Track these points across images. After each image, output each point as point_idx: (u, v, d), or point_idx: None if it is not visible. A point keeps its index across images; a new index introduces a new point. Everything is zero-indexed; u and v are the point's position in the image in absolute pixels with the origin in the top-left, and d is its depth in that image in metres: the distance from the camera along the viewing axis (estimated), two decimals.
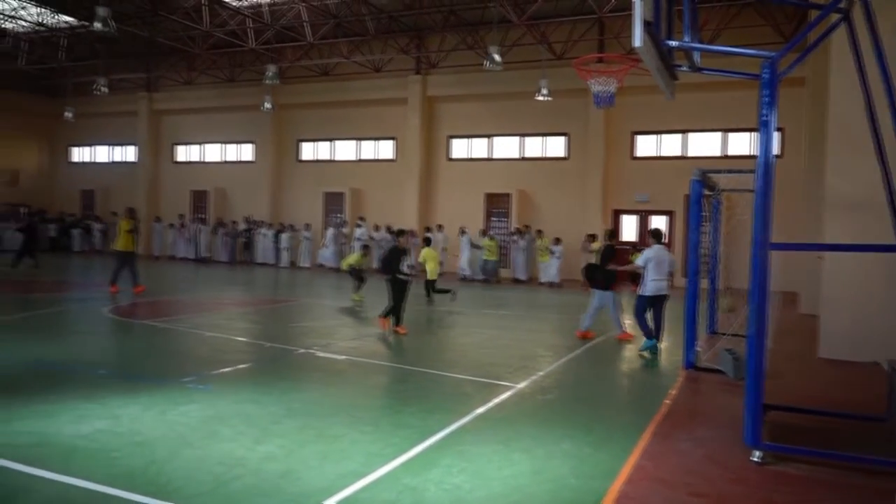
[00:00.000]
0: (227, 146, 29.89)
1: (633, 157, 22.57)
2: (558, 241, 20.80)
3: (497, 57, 19.36)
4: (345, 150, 27.29)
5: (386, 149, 26.47)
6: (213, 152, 30.29)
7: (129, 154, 32.09)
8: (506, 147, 24.43)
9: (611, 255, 10.66)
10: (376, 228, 23.93)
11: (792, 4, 15.00)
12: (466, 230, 22.17)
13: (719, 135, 21.35)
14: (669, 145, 22.12)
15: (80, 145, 33.82)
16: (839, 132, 9.59)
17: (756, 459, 5.21)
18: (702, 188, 8.84)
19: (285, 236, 25.48)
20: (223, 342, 9.79)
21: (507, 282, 21.62)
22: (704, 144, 21.55)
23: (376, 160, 26.57)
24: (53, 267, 22.43)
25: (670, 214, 21.80)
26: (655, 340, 9.88)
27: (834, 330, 9.61)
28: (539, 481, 4.73)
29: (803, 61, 5.70)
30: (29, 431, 5.42)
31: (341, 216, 25.69)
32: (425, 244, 15.99)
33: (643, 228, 21.64)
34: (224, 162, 29.94)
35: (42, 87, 32.47)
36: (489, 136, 24.62)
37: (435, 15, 22.34)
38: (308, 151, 28.10)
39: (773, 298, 9.86)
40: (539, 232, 21.49)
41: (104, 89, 26.74)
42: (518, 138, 24.16)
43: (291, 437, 5.49)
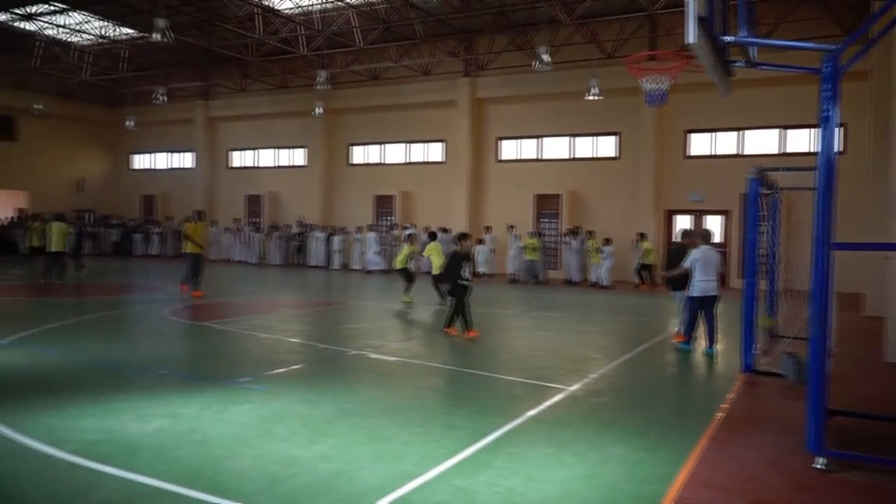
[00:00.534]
0: (280, 151, 30.52)
1: (687, 156, 22.11)
2: (608, 242, 20.52)
3: (546, 57, 19.27)
4: (394, 154, 27.53)
5: (435, 151, 26.59)
6: (267, 157, 30.97)
7: (187, 160, 33.08)
8: (555, 148, 24.24)
9: (682, 256, 10.48)
10: (426, 231, 24.01)
11: None
12: (515, 227, 22.07)
13: (777, 132, 20.72)
14: (724, 143, 21.59)
15: (141, 153, 35.04)
16: None
17: (819, 467, 5.03)
18: (759, 187, 8.60)
19: (337, 239, 25.84)
20: (277, 343, 9.99)
21: (559, 283, 21.44)
22: (761, 142, 20.96)
23: (426, 163, 26.72)
24: (115, 270, 23.27)
25: (725, 214, 21.27)
26: (690, 346, 9.82)
27: None
28: (593, 486, 4.67)
29: (866, 54, 5.49)
30: (96, 428, 5.63)
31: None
32: (431, 239, 15.33)
33: (697, 229, 21.13)
34: (277, 167, 30.58)
35: (105, 98, 33.79)
36: (538, 137, 24.48)
37: (483, 17, 22.34)
38: (358, 155, 28.45)
39: (836, 300, 9.52)
40: (590, 233, 21.24)
41: (163, 98, 27.72)
42: (568, 139, 23.95)
43: (344, 438, 5.56)
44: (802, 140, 20.33)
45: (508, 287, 20.03)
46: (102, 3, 21.87)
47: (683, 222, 22.17)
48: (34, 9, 22.69)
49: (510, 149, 25.14)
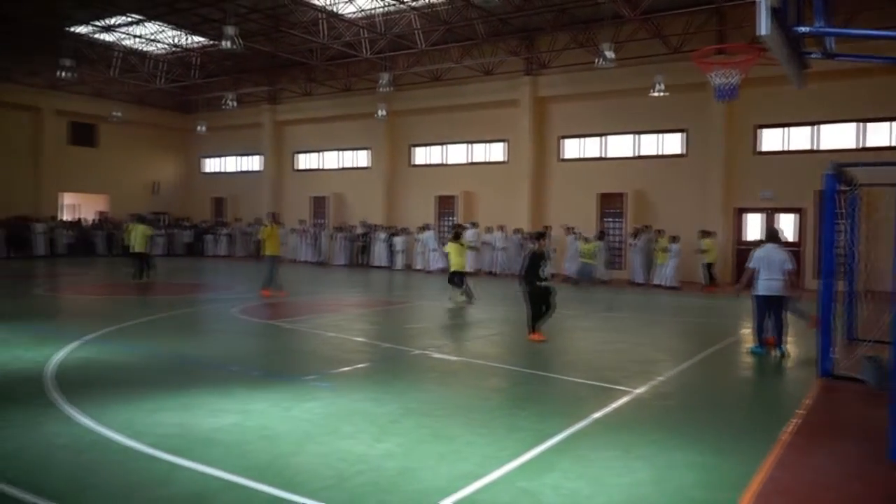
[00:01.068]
0: (344, 153, 31.04)
1: (757, 153, 21.36)
2: (675, 239, 20.00)
3: (610, 54, 18.95)
4: (456, 154, 27.60)
5: (497, 151, 26.52)
6: (331, 159, 31.55)
7: (255, 163, 34.02)
8: (619, 146, 23.82)
9: None
10: (489, 231, 24.04)
11: None
12: (575, 229, 21.68)
13: (855, 125, 19.77)
14: (798, 138, 20.75)
15: (211, 156, 36.24)
16: None
17: None
18: (837, 183, 8.24)
19: (399, 239, 26.08)
20: (342, 342, 10.16)
21: (623, 284, 21.06)
22: (838, 136, 20.02)
23: (487, 163, 26.68)
24: (187, 270, 24.14)
25: (799, 212, 20.45)
26: (763, 349, 9.51)
27: None
28: (661, 491, 4.56)
29: None
30: (172, 422, 5.86)
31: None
32: (455, 238, 15.48)
33: (768, 227, 20.41)
34: (341, 169, 31.11)
35: (177, 104, 35.14)
36: (602, 135, 24.09)
37: (545, 14, 22.14)
38: (421, 156, 28.66)
39: None
40: (660, 232, 20.71)
41: (232, 103, 28.62)
42: (632, 136, 23.49)
43: (409, 436, 5.61)
44: (883, 134, 19.34)
45: (568, 288, 19.80)
46: (176, 14, 22.74)
47: (754, 221, 21.45)
48: (113, 20, 23.78)
49: (573, 147, 24.84)
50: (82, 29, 24.64)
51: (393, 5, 21.26)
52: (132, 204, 31.73)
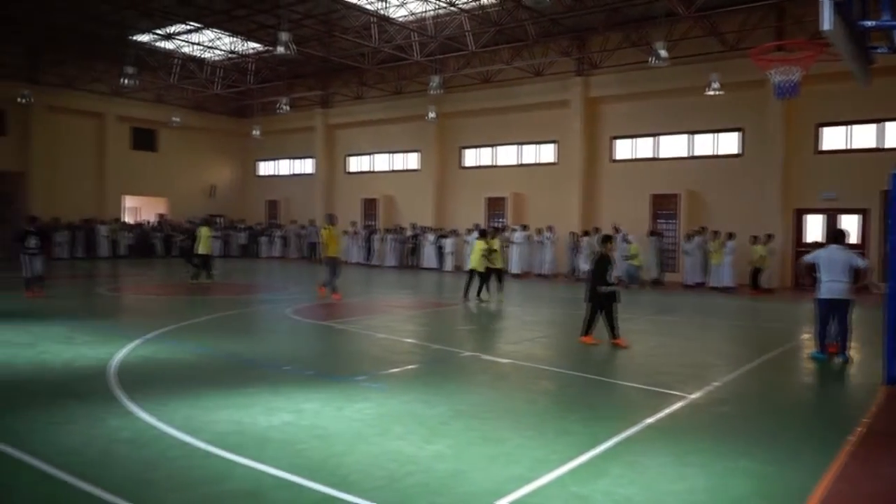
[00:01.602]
0: (395, 156, 31.30)
1: (818, 152, 20.65)
2: (731, 236, 19.52)
3: (663, 52, 18.63)
4: (506, 156, 27.52)
5: (547, 152, 26.34)
6: (382, 162, 31.86)
7: (308, 166, 34.62)
8: (673, 146, 23.36)
9: None
10: (539, 232, 23.88)
11: None
12: (621, 228, 21.23)
13: None
14: (862, 137, 19.98)
15: (266, 160, 37.05)
16: None
17: None
18: None
19: (449, 241, 26.15)
20: (393, 343, 10.24)
21: (676, 286, 20.64)
22: None
23: (538, 164, 26.52)
24: (242, 271, 24.70)
25: (863, 213, 19.68)
26: (825, 356, 9.21)
27: None
28: (717, 500, 4.45)
29: None
30: (228, 420, 6.01)
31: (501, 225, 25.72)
32: (481, 236, 16.26)
33: (832, 228, 19.70)
34: (392, 171, 31.38)
35: (233, 109, 36.06)
36: (654, 136, 23.67)
37: (597, 14, 21.89)
38: (471, 158, 28.68)
39: None
40: (716, 233, 20.18)
41: (286, 108, 29.18)
42: (686, 136, 23.01)
43: (459, 438, 5.61)
44: None
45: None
46: (232, 21, 23.33)
47: (815, 222, 20.75)
48: (173, 29, 24.56)
49: (625, 148, 24.48)
50: (144, 37, 25.52)
51: (443, 8, 21.34)
52: (190, 207, 32.74)
